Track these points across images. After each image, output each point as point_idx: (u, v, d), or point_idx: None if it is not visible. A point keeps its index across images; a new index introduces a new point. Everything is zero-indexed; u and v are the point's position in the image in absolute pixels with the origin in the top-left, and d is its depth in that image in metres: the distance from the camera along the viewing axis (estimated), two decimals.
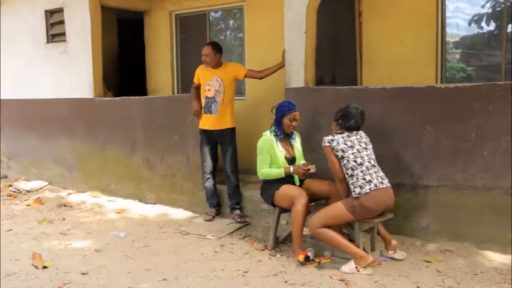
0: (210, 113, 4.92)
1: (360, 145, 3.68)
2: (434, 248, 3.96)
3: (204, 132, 5.00)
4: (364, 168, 3.58)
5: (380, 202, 3.58)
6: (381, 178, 3.62)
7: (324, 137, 3.74)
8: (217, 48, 4.92)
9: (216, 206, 5.10)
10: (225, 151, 4.97)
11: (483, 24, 5.26)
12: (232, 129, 4.98)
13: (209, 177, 5.05)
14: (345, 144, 3.65)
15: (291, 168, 3.95)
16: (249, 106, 5.95)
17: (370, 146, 3.75)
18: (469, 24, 5.31)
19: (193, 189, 5.37)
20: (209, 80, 4.92)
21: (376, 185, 3.54)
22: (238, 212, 4.94)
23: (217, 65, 4.94)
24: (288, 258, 3.85)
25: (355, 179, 3.57)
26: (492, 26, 5.24)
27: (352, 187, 3.58)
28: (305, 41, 4.65)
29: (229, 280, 3.49)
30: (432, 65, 5.16)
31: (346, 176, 3.63)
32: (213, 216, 5.01)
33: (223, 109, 4.90)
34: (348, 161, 3.61)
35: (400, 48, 5.26)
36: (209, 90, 4.91)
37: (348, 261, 3.56)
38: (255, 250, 4.10)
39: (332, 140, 3.68)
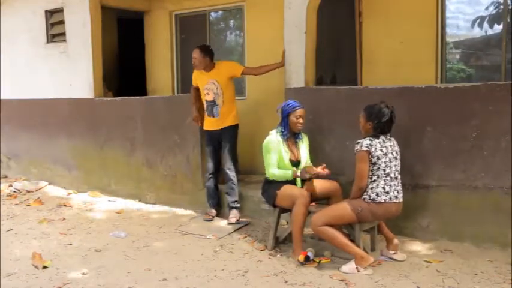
0: (213, 116, 4.92)
1: (391, 153, 3.57)
2: (434, 248, 3.95)
3: (208, 133, 5.01)
4: (388, 178, 3.53)
5: (387, 213, 3.59)
6: (397, 192, 3.58)
7: (360, 140, 3.54)
8: (205, 51, 4.89)
9: (216, 206, 5.10)
10: (223, 148, 4.94)
11: (483, 24, 5.26)
12: (234, 126, 4.95)
13: (211, 177, 5.04)
14: (381, 150, 3.51)
15: (298, 172, 3.94)
16: (249, 106, 5.94)
17: (399, 156, 3.64)
18: (470, 24, 5.31)
19: (194, 189, 5.36)
20: (206, 84, 4.91)
21: (391, 198, 3.53)
22: (236, 211, 4.90)
23: (209, 67, 4.92)
24: (288, 258, 3.85)
25: (375, 184, 3.52)
26: (492, 26, 5.24)
27: (368, 190, 3.54)
28: (305, 41, 4.65)
29: (229, 280, 3.49)
30: (432, 65, 5.16)
31: (368, 179, 3.55)
32: (213, 216, 5.01)
33: (225, 110, 4.90)
34: (378, 168, 3.51)
35: (400, 48, 5.26)
36: (208, 94, 4.91)
37: (348, 261, 3.55)
38: (255, 250, 4.10)
39: (370, 145, 3.49)
